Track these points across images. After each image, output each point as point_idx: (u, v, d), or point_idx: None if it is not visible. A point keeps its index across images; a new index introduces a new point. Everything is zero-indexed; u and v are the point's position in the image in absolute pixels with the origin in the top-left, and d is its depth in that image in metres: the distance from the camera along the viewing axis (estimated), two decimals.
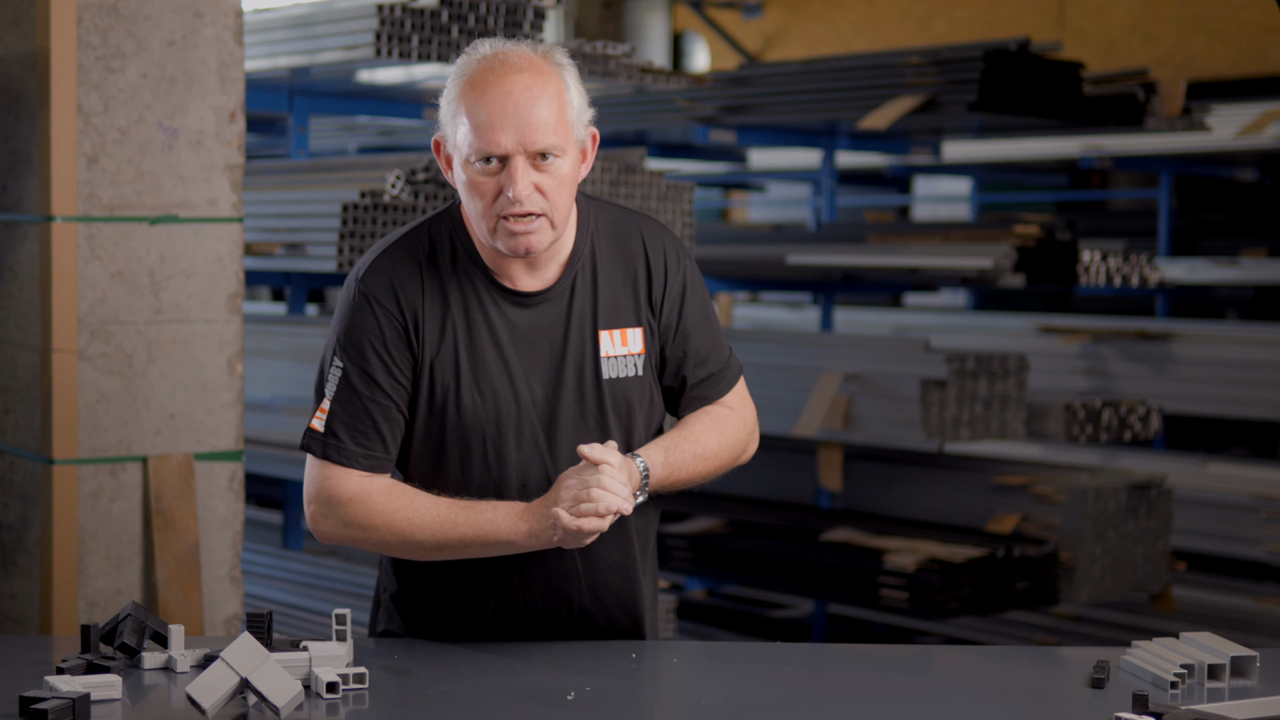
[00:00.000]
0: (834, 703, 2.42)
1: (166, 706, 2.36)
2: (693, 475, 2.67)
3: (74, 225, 3.92)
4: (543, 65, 2.53)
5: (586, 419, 2.62)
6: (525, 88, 2.50)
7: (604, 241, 2.67)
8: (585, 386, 2.63)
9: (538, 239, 2.53)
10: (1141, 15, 10.64)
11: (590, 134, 2.61)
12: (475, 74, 2.52)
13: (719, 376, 2.74)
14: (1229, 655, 2.47)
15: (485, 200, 2.52)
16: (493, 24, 5.03)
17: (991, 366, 6.12)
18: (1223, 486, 7.09)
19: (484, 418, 2.59)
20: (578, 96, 2.56)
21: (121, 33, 3.96)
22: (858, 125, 6.52)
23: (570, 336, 2.62)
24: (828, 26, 12.54)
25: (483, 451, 2.60)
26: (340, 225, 4.75)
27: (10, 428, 4.11)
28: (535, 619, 2.69)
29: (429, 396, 2.60)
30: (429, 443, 2.62)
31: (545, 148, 2.50)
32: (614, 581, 2.71)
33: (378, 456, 2.59)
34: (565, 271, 2.64)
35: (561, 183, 2.53)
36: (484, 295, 2.61)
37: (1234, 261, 8.51)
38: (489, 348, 2.60)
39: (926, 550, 5.88)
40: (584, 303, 2.64)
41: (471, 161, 2.52)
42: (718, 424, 2.71)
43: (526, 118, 2.49)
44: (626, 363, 2.65)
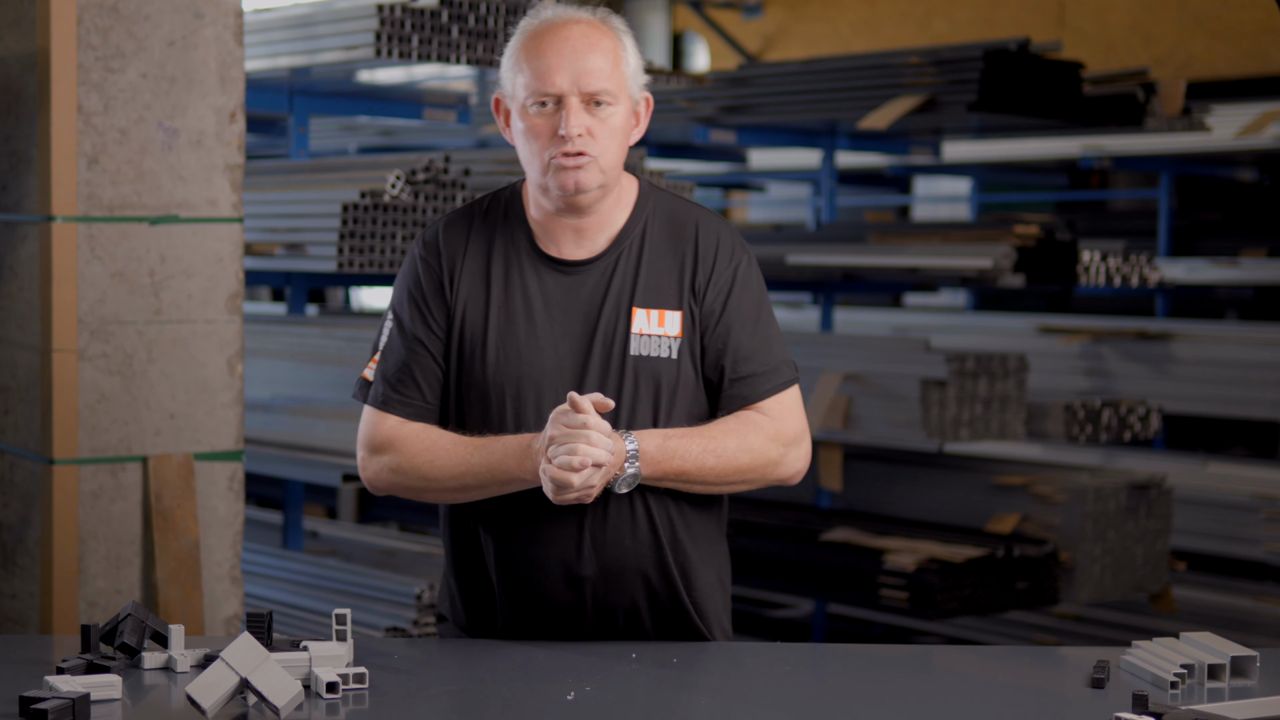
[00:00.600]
0: (834, 703, 2.42)
1: (166, 706, 2.36)
2: (701, 469, 2.62)
3: (74, 225, 3.92)
4: (600, 24, 2.66)
5: (609, 392, 2.63)
6: (583, 35, 2.63)
7: (658, 224, 2.72)
8: (612, 360, 2.65)
9: (587, 176, 2.61)
10: (1141, 15, 10.64)
11: (645, 98, 2.72)
12: (536, 28, 2.65)
13: (761, 378, 2.69)
14: (1229, 655, 2.47)
15: (541, 140, 2.62)
16: (493, 24, 5.03)
17: (991, 366, 6.12)
18: (1223, 486, 7.09)
19: (505, 377, 2.65)
20: (634, 57, 2.68)
21: (121, 33, 3.96)
22: (858, 125, 6.51)
23: (605, 309, 2.66)
24: (828, 26, 12.54)
25: (501, 412, 2.65)
26: (340, 225, 4.75)
27: (10, 428, 4.11)
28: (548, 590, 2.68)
29: (459, 351, 2.68)
30: (457, 397, 2.70)
31: (598, 91, 2.61)
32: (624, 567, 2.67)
33: (415, 404, 2.69)
34: (612, 245, 2.69)
35: (613, 131, 2.63)
36: (525, 259, 2.69)
37: (1234, 261, 8.50)
38: (520, 310, 2.66)
39: (926, 550, 5.88)
40: (625, 278, 2.68)
41: (528, 106, 2.62)
42: (742, 426, 2.66)
43: (582, 62, 2.61)
44: (660, 343, 2.66)
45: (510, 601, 2.71)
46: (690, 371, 2.68)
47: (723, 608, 2.82)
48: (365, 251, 4.78)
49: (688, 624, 2.74)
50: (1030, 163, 9.43)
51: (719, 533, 2.81)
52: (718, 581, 2.80)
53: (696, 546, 2.74)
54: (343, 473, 4.67)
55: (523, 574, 2.68)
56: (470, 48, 5.02)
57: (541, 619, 2.71)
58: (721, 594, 2.81)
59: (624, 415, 2.63)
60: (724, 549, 2.84)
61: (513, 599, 2.71)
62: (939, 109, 6.34)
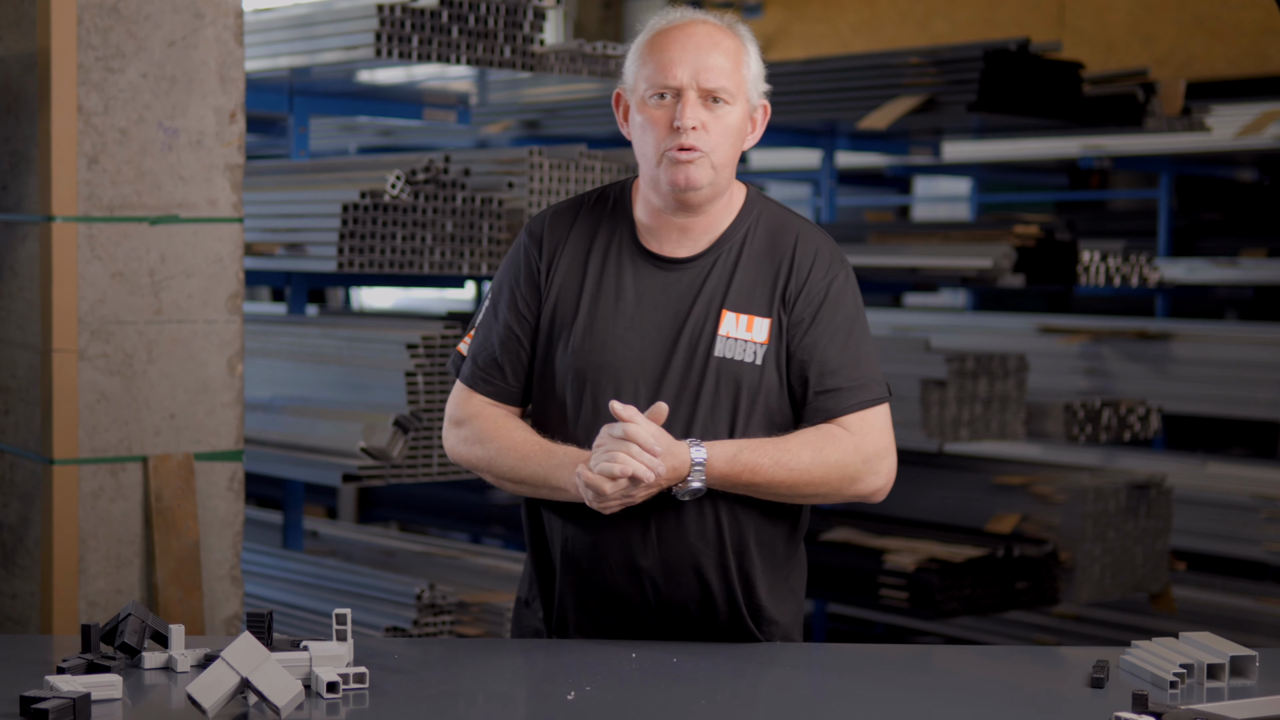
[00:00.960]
0: (834, 703, 2.42)
1: (167, 706, 2.36)
2: (771, 482, 2.61)
3: (74, 225, 3.92)
4: (725, 27, 2.71)
5: (687, 390, 2.65)
6: (707, 34, 2.68)
7: (759, 232, 2.75)
8: (695, 359, 2.66)
9: (698, 171, 2.64)
10: (1141, 15, 10.64)
11: (763, 105, 2.76)
12: (662, 26, 2.72)
13: (846, 393, 2.68)
14: (1228, 655, 2.47)
15: (657, 132, 2.65)
16: (493, 24, 5.03)
17: (991, 366, 6.12)
18: (1222, 486, 7.09)
19: (588, 364, 2.68)
20: (755, 63, 2.72)
21: (122, 33, 3.97)
22: (858, 125, 6.51)
23: (695, 309, 2.68)
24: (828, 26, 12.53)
25: (579, 398, 2.68)
26: (340, 225, 4.75)
27: (10, 428, 4.11)
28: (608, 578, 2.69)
29: (548, 335, 2.72)
30: (543, 382, 2.73)
31: (716, 88, 2.65)
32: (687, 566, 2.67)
33: (497, 384, 2.74)
34: (712, 247, 2.72)
35: (727, 130, 2.67)
36: (624, 252, 2.73)
37: (1234, 261, 8.50)
38: (611, 301, 2.69)
39: (926, 550, 5.88)
40: (719, 281, 2.70)
41: (647, 98, 2.67)
42: (821, 439, 2.65)
43: (704, 59, 2.65)
44: (746, 348, 2.68)
45: (573, 588, 2.72)
46: (774, 379, 2.69)
47: (792, 617, 2.80)
48: (365, 251, 4.78)
49: (743, 628, 2.73)
50: (1030, 163, 9.43)
51: (791, 539, 2.79)
52: (787, 589, 2.79)
53: (763, 552, 2.73)
54: (343, 473, 4.67)
55: (585, 560, 2.70)
56: (470, 48, 5.02)
57: (603, 609, 2.72)
58: (792, 602, 2.79)
59: (701, 416, 2.64)
60: (798, 557, 2.82)
61: (576, 586, 2.72)
62: (939, 109, 6.34)
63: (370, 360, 4.91)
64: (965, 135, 8.00)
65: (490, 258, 4.96)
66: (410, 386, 4.71)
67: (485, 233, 4.94)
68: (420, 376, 4.72)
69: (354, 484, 4.71)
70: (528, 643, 2.70)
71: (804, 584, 2.85)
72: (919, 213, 11.50)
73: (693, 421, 2.64)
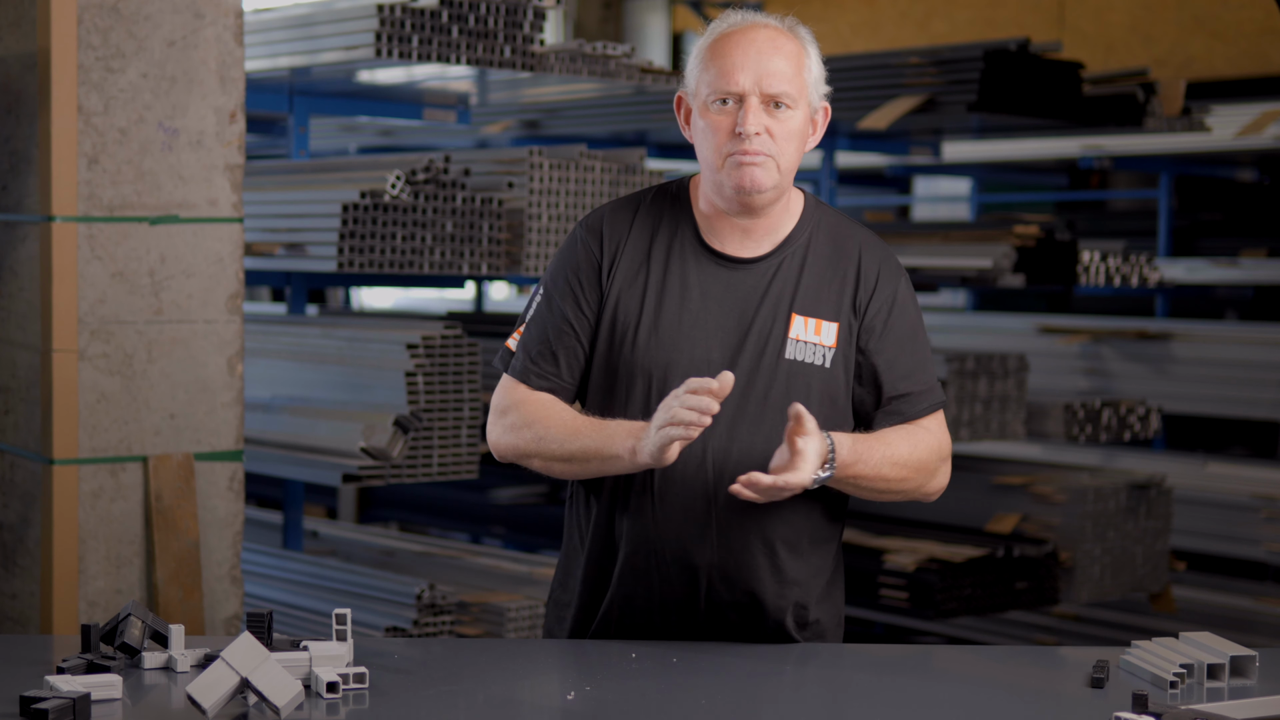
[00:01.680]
0: (834, 702, 2.42)
1: (167, 706, 2.36)
2: (878, 475, 2.64)
3: (74, 225, 3.92)
4: (787, 30, 2.71)
5: (754, 391, 2.66)
6: (769, 39, 2.67)
7: (822, 237, 2.76)
8: (765, 360, 2.67)
9: (763, 174, 2.65)
10: (1141, 15, 10.64)
11: (824, 107, 2.76)
12: (724, 30, 2.70)
13: (919, 397, 2.74)
14: (1228, 655, 2.48)
15: (720, 137, 2.65)
16: (493, 24, 5.03)
17: (991, 366, 6.12)
18: (1222, 486, 7.09)
19: (654, 361, 2.67)
20: (816, 65, 2.73)
21: (122, 33, 3.97)
22: (858, 125, 6.51)
23: (762, 309, 2.69)
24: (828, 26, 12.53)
25: (646, 395, 2.67)
26: (340, 225, 4.75)
27: (10, 428, 4.11)
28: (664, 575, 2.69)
29: (610, 331, 2.71)
30: (604, 378, 2.72)
31: (778, 93, 2.65)
32: (742, 569, 2.68)
33: (551, 379, 2.73)
34: (777, 249, 2.73)
35: (790, 134, 2.68)
36: (687, 250, 2.73)
37: (1234, 261, 8.50)
38: (676, 298, 2.70)
39: (926, 550, 5.88)
40: (786, 283, 2.71)
41: (710, 103, 2.66)
42: (912, 436, 2.71)
43: (766, 64, 2.65)
44: (815, 351, 2.70)
45: (625, 587, 2.72)
46: (841, 383, 2.71)
47: (835, 621, 2.82)
48: (365, 251, 4.78)
49: (784, 630, 2.74)
50: (1030, 163, 9.42)
51: (837, 543, 2.82)
52: (833, 591, 2.81)
53: (817, 557, 2.76)
54: (343, 473, 4.67)
55: (640, 557, 2.69)
56: (470, 48, 5.02)
57: (654, 607, 2.71)
58: (834, 605, 2.82)
59: (771, 417, 2.65)
60: (840, 561, 2.85)
61: (627, 584, 2.71)
62: (939, 109, 6.34)
63: (370, 360, 4.91)
64: (965, 135, 7.99)
65: (490, 258, 4.96)
66: (410, 386, 4.71)
67: (485, 233, 4.94)
68: (420, 376, 4.72)
69: (354, 484, 4.71)
70: (528, 643, 2.70)
71: (843, 589, 2.86)
72: (919, 213, 11.50)
73: (761, 421, 2.65)
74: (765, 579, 2.70)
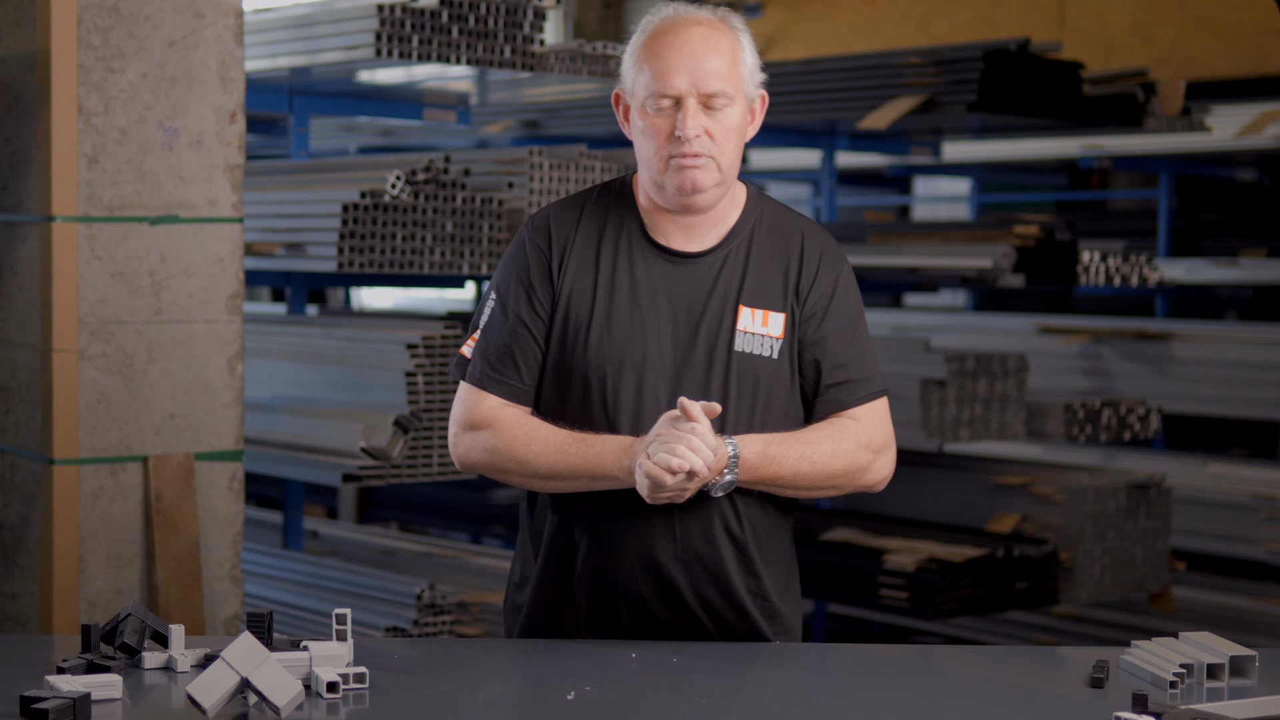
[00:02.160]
0: (834, 703, 2.42)
1: (167, 706, 2.36)
2: (796, 475, 2.66)
3: (74, 225, 3.92)
4: (719, 23, 2.71)
5: (711, 385, 2.68)
6: (702, 37, 2.67)
7: (765, 228, 2.77)
8: (716, 354, 2.69)
9: (704, 176, 2.66)
10: (1141, 15, 10.63)
11: (760, 95, 2.75)
12: (657, 28, 2.70)
13: (855, 385, 2.75)
14: (1228, 655, 2.48)
15: (658, 140, 2.66)
16: (493, 24, 5.03)
17: (991, 366, 6.12)
18: (1222, 486, 7.08)
19: (607, 359, 2.68)
20: (750, 57, 2.72)
21: (122, 33, 3.97)
22: (858, 125, 6.51)
23: (711, 303, 2.70)
24: (828, 26, 12.53)
25: (601, 393, 2.68)
26: (340, 225, 4.75)
27: (11, 428, 4.11)
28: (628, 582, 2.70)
29: (562, 331, 2.71)
30: (558, 378, 2.72)
31: (715, 92, 2.65)
32: (707, 561, 2.70)
33: (513, 384, 2.73)
34: (722, 242, 2.74)
35: (729, 131, 2.67)
36: (635, 246, 2.73)
37: (1233, 262, 8.50)
38: (626, 295, 2.71)
39: (926, 550, 5.88)
40: (732, 276, 2.72)
41: (647, 105, 2.67)
42: (836, 432, 2.71)
43: (701, 63, 2.65)
44: (763, 342, 2.71)
45: (587, 587, 2.72)
46: (788, 373, 2.73)
47: (795, 614, 2.84)
48: (365, 251, 4.78)
49: (753, 626, 2.75)
50: (1030, 163, 9.42)
51: (790, 537, 2.85)
52: (791, 585, 2.83)
53: (772, 546, 2.78)
54: (343, 473, 4.67)
55: (602, 557, 2.70)
56: (470, 48, 5.02)
57: (616, 606, 2.72)
58: (794, 599, 2.84)
59: (726, 410, 2.67)
60: (794, 554, 2.87)
61: (589, 585, 2.72)
62: (939, 109, 6.34)
63: (370, 360, 4.91)
64: (965, 135, 8.00)
65: (490, 258, 4.96)
66: (410, 386, 4.71)
67: (485, 233, 4.94)
68: (420, 376, 4.72)
69: (354, 484, 4.71)
70: (528, 643, 2.70)
71: (799, 582, 2.87)
72: (919, 213, 11.50)
73: (719, 414, 2.65)
74: (731, 572, 2.71)
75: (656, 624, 2.72)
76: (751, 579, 2.74)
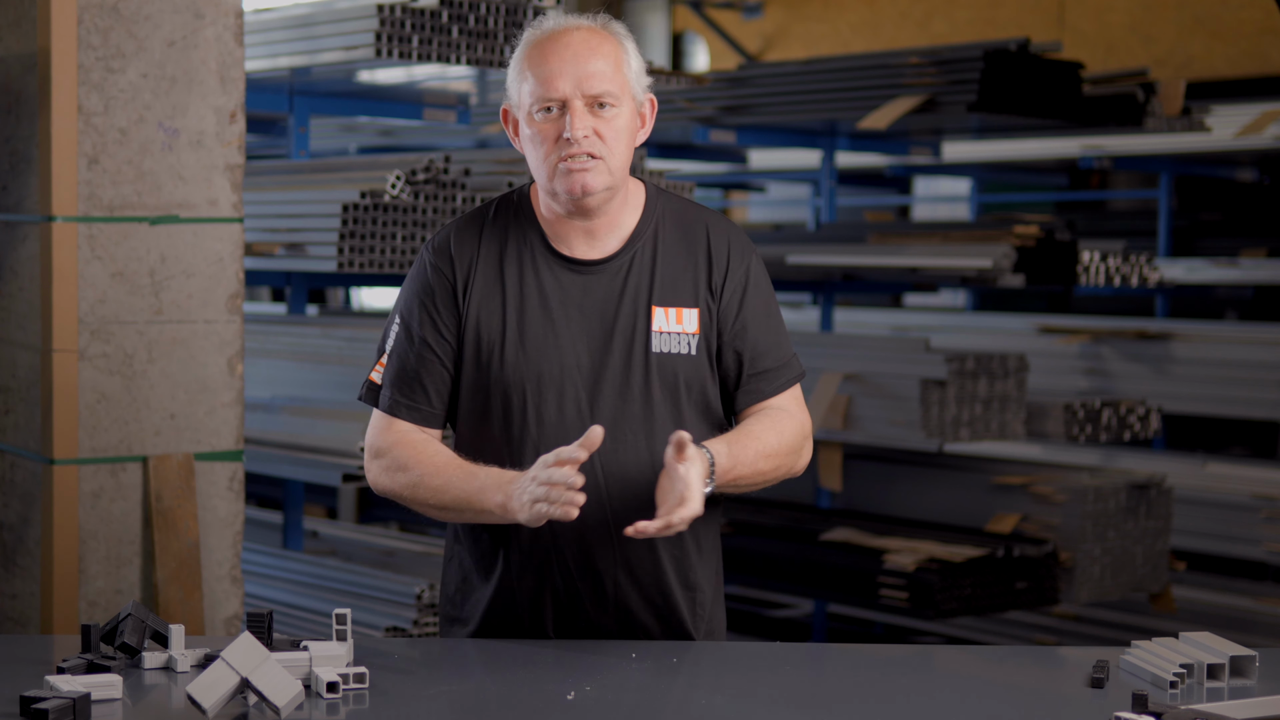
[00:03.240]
0: (834, 703, 2.43)
1: (167, 706, 2.36)
2: (755, 473, 2.67)
3: (74, 225, 3.92)
4: (599, 29, 2.70)
5: (631, 389, 2.68)
6: (583, 41, 2.67)
7: (668, 225, 2.76)
8: (634, 358, 2.68)
9: (594, 178, 2.65)
10: (1141, 15, 10.64)
11: (649, 99, 2.75)
12: (538, 38, 2.69)
13: (776, 373, 2.76)
14: (1228, 655, 2.48)
15: (547, 145, 2.66)
16: (493, 24, 5.03)
17: (991, 366, 6.12)
18: (1222, 486, 7.08)
19: (525, 375, 2.67)
20: (635, 60, 2.71)
21: (122, 33, 3.97)
22: (857, 125, 6.51)
23: (623, 308, 2.70)
24: (828, 26, 12.53)
25: (523, 410, 2.67)
26: (340, 225, 4.75)
27: (10, 428, 4.11)
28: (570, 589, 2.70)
29: (475, 351, 2.70)
30: (475, 399, 2.71)
31: (600, 93, 2.65)
32: (648, 566, 2.71)
33: (422, 409, 2.71)
34: (625, 246, 2.73)
35: (618, 132, 2.67)
36: (539, 259, 2.72)
37: (1233, 262, 8.50)
38: (536, 309, 2.69)
39: (926, 550, 5.88)
40: (641, 277, 2.72)
41: (534, 112, 2.67)
42: (776, 424, 2.72)
43: (584, 65, 2.65)
44: (679, 340, 2.71)
45: (528, 594, 2.72)
46: (706, 367, 2.73)
47: (721, 609, 2.85)
48: (365, 251, 4.78)
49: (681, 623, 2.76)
50: (1030, 163, 9.42)
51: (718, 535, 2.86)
52: (719, 583, 2.85)
53: (709, 548, 2.80)
54: (343, 473, 4.67)
55: (545, 565, 2.70)
56: (470, 48, 5.02)
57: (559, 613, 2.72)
58: (720, 597, 2.85)
59: (649, 411, 2.68)
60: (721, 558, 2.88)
61: (530, 591, 2.72)
62: (939, 109, 6.34)
63: (370, 360, 4.90)
64: (965, 135, 7.99)
65: None
66: None
67: None
68: None
69: (354, 484, 4.71)
70: (528, 643, 2.70)
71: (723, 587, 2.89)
72: (919, 213, 11.50)
73: (644, 419, 2.66)
74: (668, 574, 2.72)
75: (599, 628, 2.72)
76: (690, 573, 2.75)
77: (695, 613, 2.77)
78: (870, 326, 8.60)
